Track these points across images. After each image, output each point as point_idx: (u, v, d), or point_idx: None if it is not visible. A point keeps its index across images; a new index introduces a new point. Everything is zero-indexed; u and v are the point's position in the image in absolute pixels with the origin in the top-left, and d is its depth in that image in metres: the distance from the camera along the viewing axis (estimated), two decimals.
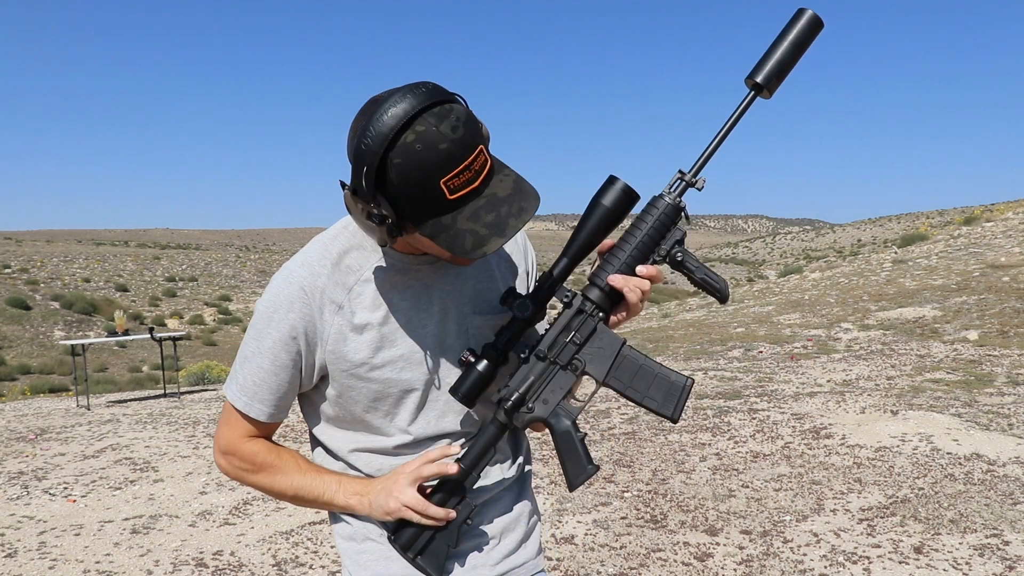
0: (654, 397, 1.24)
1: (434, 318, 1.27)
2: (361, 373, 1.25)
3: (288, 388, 1.27)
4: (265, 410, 1.28)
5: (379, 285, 1.25)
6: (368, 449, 1.31)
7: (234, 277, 52.06)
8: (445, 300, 1.28)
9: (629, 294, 1.20)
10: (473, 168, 1.07)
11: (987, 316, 10.21)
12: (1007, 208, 24.47)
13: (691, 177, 1.21)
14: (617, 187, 1.17)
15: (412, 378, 1.26)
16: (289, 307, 1.22)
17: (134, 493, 5.35)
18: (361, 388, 1.26)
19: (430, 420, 1.29)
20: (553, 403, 1.24)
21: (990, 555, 3.66)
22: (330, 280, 1.23)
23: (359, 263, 1.25)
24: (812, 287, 16.65)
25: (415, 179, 1.05)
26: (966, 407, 6.30)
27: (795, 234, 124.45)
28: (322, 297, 1.22)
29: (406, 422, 1.28)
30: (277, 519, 4.64)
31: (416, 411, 1.28)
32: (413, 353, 1.26)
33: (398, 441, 1.30)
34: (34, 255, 53.47)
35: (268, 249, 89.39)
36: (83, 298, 37.39)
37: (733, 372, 8.93)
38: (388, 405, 1.27)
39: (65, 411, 9.46)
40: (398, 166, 1.05)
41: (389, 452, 1.31)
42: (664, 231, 1.21)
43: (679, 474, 5.15)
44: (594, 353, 1.23)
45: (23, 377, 23.62)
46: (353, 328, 1.23)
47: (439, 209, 1.08)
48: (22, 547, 4.32)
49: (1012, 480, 4.64)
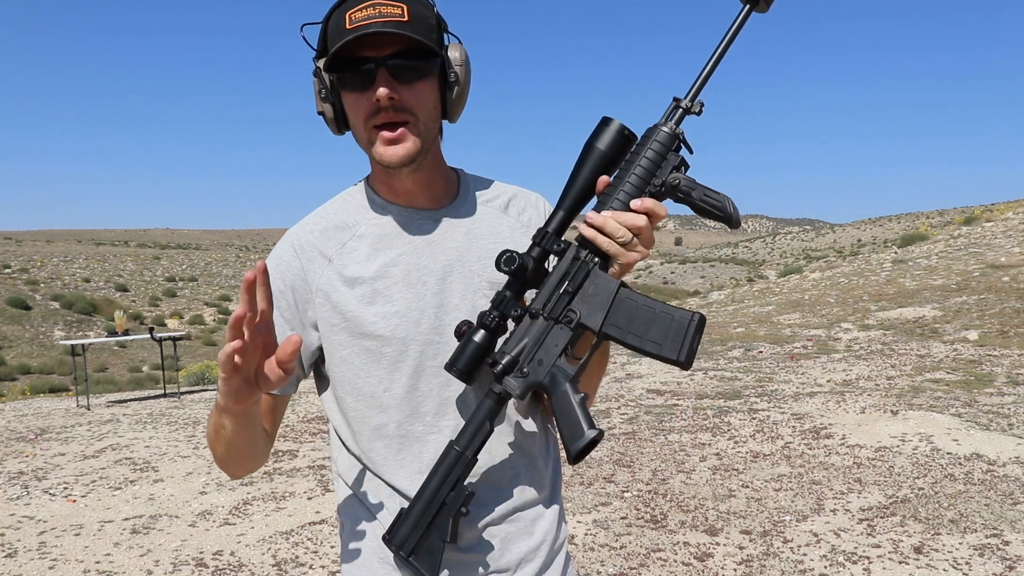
0: (656, 340, 1.05)
1: (435, 275, 1.19)
2: (351, 328, 1.18)
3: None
4: None
5: (375, 239, 1.21)
6: (374, 429, 1.19)
7: (234, 277, 52.05)
8: (449, 257, 1.20)
9: (612, 230, 1.04)
10: (376, 5, 1.09)
11: (987, 316, 10.21)
12: (1007, 208, 24.47)
13: (687, 102, 1.08)
14: (612, 128, 1.07)
15: (407, 337, 1.17)
16: (278, 263, 1.21)
17: (134, 493, 5.35)
18: (353, 346, 1.18)
19: (432, 388, 1.18)
20: (548, 364, 1.10)
21: (990, 555, 3.66)
22: (322, 236, 1.22)
23: (356, 219, 1.23)
24: (812, 287, 16.65)
25: (334, 23, 1.11)
26: (966, 407, 6.31)
27: (795, 234, 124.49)
28: (312, 251, 1.21)
29: (404, 388, 1.17)
30: (277, 519, 4.64)
31: (414, 376, 1.18)
32: (409, 311, 1.17)
33: (399, 415, 1.18)
34: (34, 255, 53.50)
35: (268, 249, 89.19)
36: (83, 298, 37.40)
37: (733, 372, 8.93)
38: (383, 369, 1.18)
39: (65, 411, 9.47)
40: (331, 24, 1.13)
41: (394, 433, 1.18)
42: (660, 161, 1.07)
43: (679, 474, 5.15)
44: (588, 300, 1.08)
45: (23, 377, 23.63)
46: (344, 281, 1.18)
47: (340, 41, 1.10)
48: (22, 547, 4.32)
49: (1012, 480, 4.64)
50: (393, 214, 1.22)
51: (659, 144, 1.06)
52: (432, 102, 1.15)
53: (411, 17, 1.10)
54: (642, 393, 8.16)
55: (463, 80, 1.18)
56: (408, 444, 1.19)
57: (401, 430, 1.19)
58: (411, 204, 1.22)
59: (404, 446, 1.19)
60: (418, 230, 1.21)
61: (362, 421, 1.20)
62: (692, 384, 8.46)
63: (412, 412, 1.18)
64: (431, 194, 1.23)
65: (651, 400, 7.75)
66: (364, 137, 1.15)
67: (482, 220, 1.25)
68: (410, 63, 1.11)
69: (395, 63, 1.10)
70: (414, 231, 1.21)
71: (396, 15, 1.09)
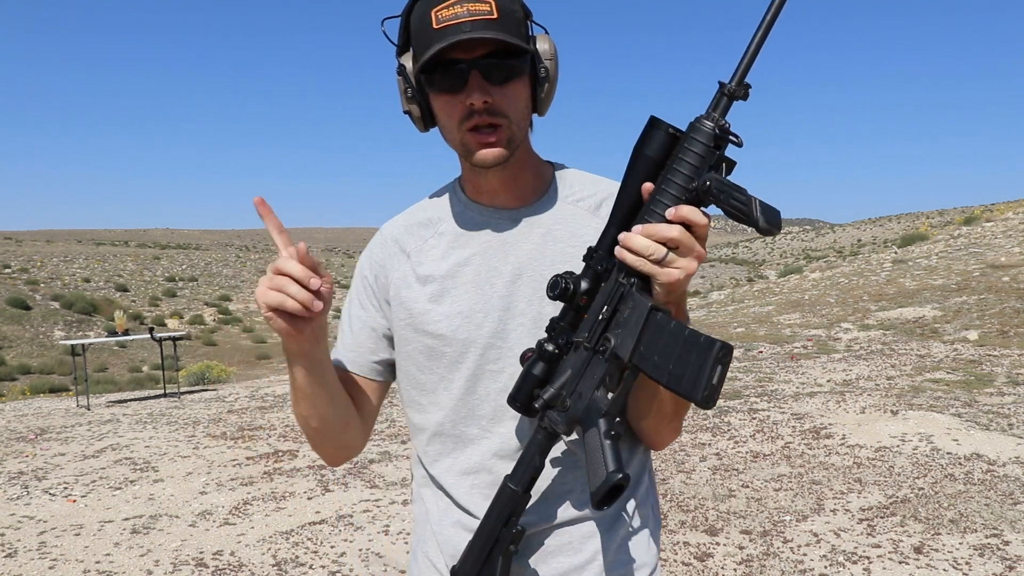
0: (677, 372, 0.92)
1: (504, 278, 1.15)
2: (415, 325, 1.18)
3: (364, 335, 1.23)
4: (342, 352, 1.25)
5: (453, 237, 1.20)
6: (433, 425, 1.19)
7: (234, 277, 52.07)
8: (520, 259, 1.16)
9: (640, 247, 0.94)
10: (464, 3, 1.04)
11: (987, 316, 10.21)
12: (1007, 208, 24.47)
13: (732, 87, 0.94)
14: (657, 129, 0.96)
15: (469, 339, 1.15)
16: (369, 252, 1.27)
17: (134, 493, 5.35)
18: (416, 341, 1.18)
19: (490, 392, 1.14)
20: (587, 396, 1.01)
21: (990, 555, 3.65)
22: (406, 231, 1.24)
23: (439, 217, 1.23)
24: (812, 287, 16.65)
25: (418, 19, 1.07)
26: (966, 407, 6.31)
27: (795, 234, 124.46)
28: (394, 245, 1.24)
29: (461, 389, 1.15)
30: (277, 519, 4.64)
31: (472, 378, 1.15)
32: (473, 312, 1.15)
33: (455, 415, 1.17)
34: (34, 255, 53.52)
35: (268, 249, 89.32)
36: (83, 298, 37.40)
37: (733, 372, 8.93)
38: (443, 367, 1.16)
39: (65, 411, 9.47)
40: (413, 18, 1.09)
41: (449, 432, 1.18)
42: (700, 161, 0.93)
43: (679, 474, 5.15)
44: (622, 326, 0.98)
45: (23, 377, 23.63)
46: (417, 278, 1.19)
47: (429, 42, 1.05)
48: (22, 547, 4.32)
49: (1012, 480, 4.64)
50: (474, 212, 1.20)
51: (698, 142, 0.94)
52: (524, 100, 1.12)
53: (499, 13, 1.05)
54: None
55: (553, 74, 1.13)
56: (461, 445, 1.18)
57: (456, 430, 1.18)
58: (493, 203, 1.19)
59: (457, 446, 1.18)
60: (495, 229, 1.18)
61: (422, 417, 1.21)
62: None
63: (468, 414, 1.17)
64: (515, 192, 1.19)
65: None
66: (456, 139, 1.12)
67: (565, 221, 1.18)
68: (502, 63, 1.07)
69: (487, 63, 1.06)
70: (490, 231, 1.18)
71: (484, 12, 1.04)
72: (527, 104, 1.13)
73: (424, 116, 1.15)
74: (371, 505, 4.82)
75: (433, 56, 1.05)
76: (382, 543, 4.18)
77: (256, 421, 7.94)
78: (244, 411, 8.68)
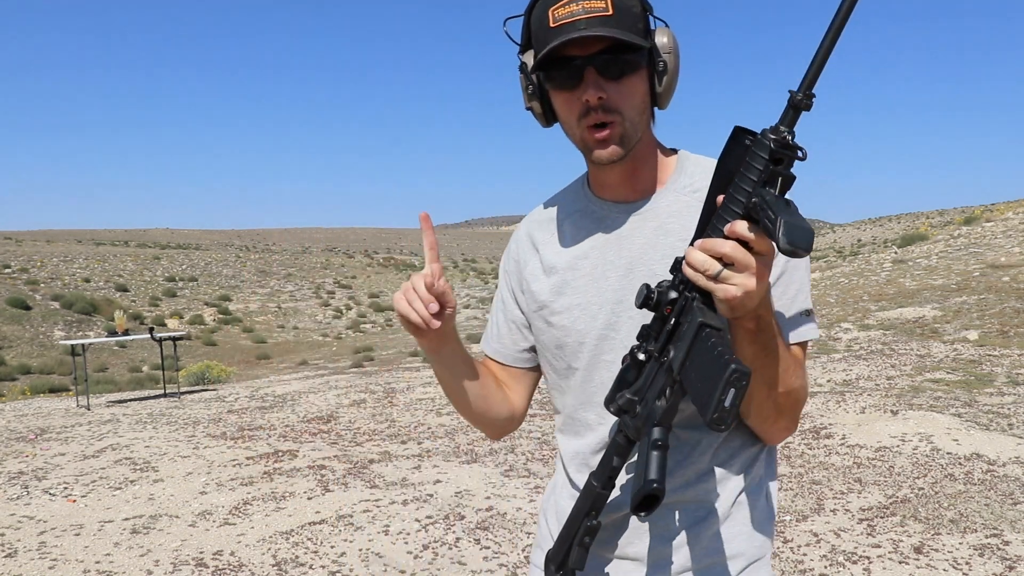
0: (699, 392, 0.93)
1: (618, 271, 1.19)
2: (544, 315, 1.25)
3: (508, 327, 1.33)
4: (492, 343, 1.35)
5: (575, 231, 1.25)
6: (560, 409, 1.28)
7: (234, 277, 52.05)
8: (633, 253, 1.18)
9: (697, 262, 0.93)
10: (580, 1, 1.07)
11: (987, 316, 10.21)
12: (1007, 208, 24.46)
13: (800, 97, 0.91)
14: (735, 139, 0.95)
15: (585, 330, 1.20)
16: (507, 249, 1.36)
17: (134, 493, 5.35)
18: (546, 332, 1.26)
19: (605, 381, 1.16)
20: (649, 405, 1.04)
21: (990, 555, 3.65)
22: (538, 225, 1.31)
23: (566, 210, 1.29)
24: (812, 287, 16.65)
25: (537, 18, 1.11)
26: (966, 407, 6.31)
27: None
28: (527, 239, 1.31)
29: (581, 377, 1.22)
30: (277, 519, 4.64)
31: (590, 367, 1.20)
32: (589, 304, 1.20)
33: (575, 400, 1.23)
34: (34, 255, 53.51)
35: (268, 249, 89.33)
36: (83, 298, 37.39)
37: None
38: (567, 356, 1.23)
39: (65, 411, 9.47)
40: (533, 18, 1.13)
41: (571, 415, 1.25)
42: (759, 174, 0.91)
43: None
44: (680, 339, 0.99)
45: (23, 377, 23.62)
46: (544, 269, 1.27)
47: (546, 40, 1.09)
48: (22, 547, 4.32)
49: (1012, 480, 4.64)
50: (595, 207, 1.24)
51: (758, 156, 0.91)
52: (640, 96, 1.12)
53: (615, 10, 1.06)
54: None
55: (672, 68, 1.13)
56: (580, 429, 1.25)
57: (578, 414, 1.25)
58: (614, 197, 1.23)
59: (578, 431, 1.25)
60: (611, 224, 1.22)
61: (559, 399, 1.29)
62: None
63: (587, 400, 1.23)
64: (635, 186, 1.21)
65: None
66: (577, 135, 1.15)
67: (679, 214, 1.18)
68: (617, 58, 1.08)
69: (602, 59, 1.08)
70: (607, 225, 1.22)
71: (600, 9, 1.06)
72: (644, 99, 1.13)
73: (545, 113, 1.20)
74: (371, 505, 4.82)
75: (549, 53, 1.08)
76: (382, 543, 4.18)
77: (256, 421, 7.95)
78: (244, 411, 8.69)
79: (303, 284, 51.13)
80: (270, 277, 52.92)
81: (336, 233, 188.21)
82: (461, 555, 3.97)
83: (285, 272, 54.78)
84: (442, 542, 4.15)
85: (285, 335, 38.17)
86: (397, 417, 7.67)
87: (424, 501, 4.86)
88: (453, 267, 65.69)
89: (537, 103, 1.18)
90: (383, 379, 10.92)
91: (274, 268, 56.28)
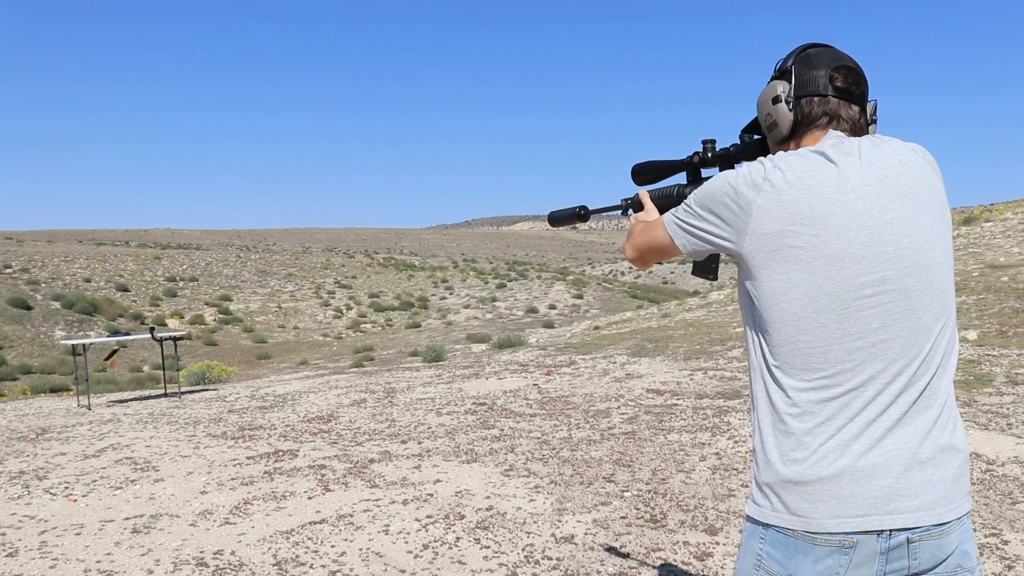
0: None
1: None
2: None
3: None
4: None
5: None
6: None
7: (234, 277, 52.04)
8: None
9: None
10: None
11: (986, 316, 10.22)
12: (1006, 208, 24.45)
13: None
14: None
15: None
16: None
17: (135, 493, 5.36)
18: None
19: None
20: None
21: (989, 555, 3.66)
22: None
23: None
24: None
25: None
26: (965, 407, 6.31)
27: None
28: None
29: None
30: (277, 519, 4.65)
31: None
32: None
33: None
34: (35, 255, 53.48)
35: (268, 249, 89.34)
36: (84, 298, 37.40)
37: (733, 372, 8.94)
38: None
39: (66, 411, 9.48)
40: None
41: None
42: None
43: (679, 474, 5.16)
44: None
45: (24, 377, 23.65)
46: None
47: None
48: (23, 547, 4.33)
49: (1011, 480, 4.65)
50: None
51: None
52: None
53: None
54: (642, 393, 8.17)
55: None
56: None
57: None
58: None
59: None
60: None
61: None
62: (692, 384, 8.47)
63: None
64: None
65: (651, 400, 7.76)
66: None
67: None
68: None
69: None
70: None
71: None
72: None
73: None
74: (371, 505, 4.83)
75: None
76: (382, 543, 4.19)
77: (256, 421, 7.96)
78: (244, 411, 8.70)
79: (303, 284, 51.13)
80: (270, 277, 52.91)
81: (336, 233, 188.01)
82: (461, 555, 3.98)
83: (285, 272, 54.78)
84: (442, 542, 4.16)
85: (285, 335, 38.17)
86: (397, 417, 7.68)
87: (424, 501, 4.87)
88: (453, 267, 65.64)
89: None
90: (383, 379, 10.93)
91: (274, 268, 56.28)
